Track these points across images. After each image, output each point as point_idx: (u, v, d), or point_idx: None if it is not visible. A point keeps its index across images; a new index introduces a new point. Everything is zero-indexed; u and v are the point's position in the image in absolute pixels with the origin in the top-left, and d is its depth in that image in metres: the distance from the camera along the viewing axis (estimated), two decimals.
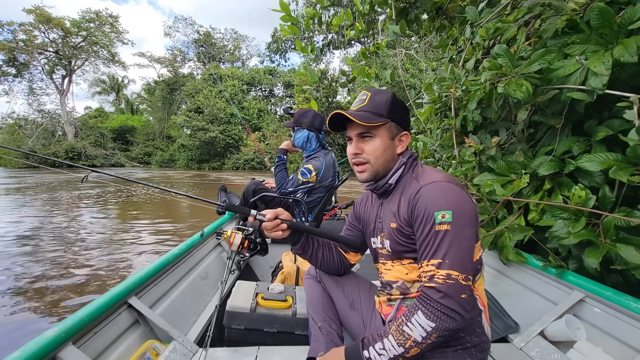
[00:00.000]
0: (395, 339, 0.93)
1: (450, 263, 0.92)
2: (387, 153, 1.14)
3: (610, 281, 1.61)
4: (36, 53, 33.08)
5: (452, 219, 0.94)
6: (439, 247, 0.94)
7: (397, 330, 0.94)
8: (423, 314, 0.91)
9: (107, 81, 46.27)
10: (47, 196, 11.27)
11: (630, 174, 1.39)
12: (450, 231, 0.93)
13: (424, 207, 0.98)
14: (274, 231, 1.24)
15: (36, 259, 4.80)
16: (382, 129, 1.12)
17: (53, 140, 33.06)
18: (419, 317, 0.91)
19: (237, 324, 1.59)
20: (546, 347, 1.48)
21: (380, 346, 0.95)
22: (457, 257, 0.92)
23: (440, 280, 0.91)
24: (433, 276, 0.93)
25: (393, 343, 0.94)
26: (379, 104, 1.12)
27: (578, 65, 1.50)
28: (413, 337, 0.91)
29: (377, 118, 1.10)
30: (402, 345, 0.92)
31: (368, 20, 3.36)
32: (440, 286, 0.90)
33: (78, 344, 1.18)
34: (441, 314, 0.89)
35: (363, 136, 1.14)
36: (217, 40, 43.40)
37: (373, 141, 1.13)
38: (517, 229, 1.85)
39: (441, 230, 0.94)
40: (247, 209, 1.27)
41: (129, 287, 1.47)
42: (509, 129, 2.17)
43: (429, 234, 0.96)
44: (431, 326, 0.89)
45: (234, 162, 30.78)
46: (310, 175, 2.68)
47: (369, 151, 1.13)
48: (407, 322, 0.93)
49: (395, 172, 1.15)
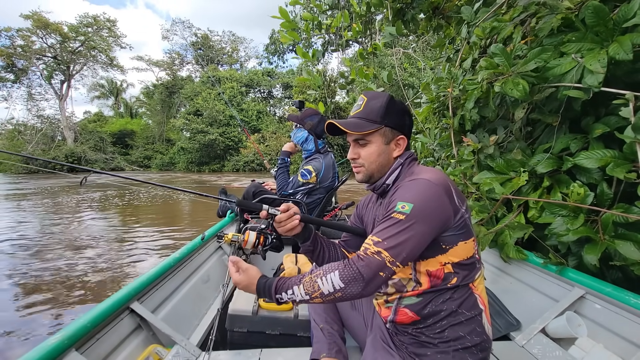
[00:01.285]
0: (305, 288, 1.00)
1: (387, 245, 0.96)
2: (382, 158, 1.16)
3: (610, 277, 1.62)
4: (34, 58, 33.04)
5: (410, 212, 0.97)
6: (385, 230, 0.98)
7: (311, 280, 1.00)
8: (339, 273, 0.96)
9: (105, 85, 46.21)
10: (48, 201, 11.27)
11: (627, 171, 1.40)
12: (403, 221, 0.97)
13: (394, 198, 1.03)
14: (288, 222, 1.23)
15: (37, 265, 4.80)
16: (376, 135, 1.15)
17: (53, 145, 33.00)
18: (334, 275, 0.97)
19: (239, 327, 1.60)
20: (548, 344, 1.48)
21: (291, 292, 1.01)
22: (397, 244, 0.96)
23: (369, 253, 0.97)
24: (367, 248, 0.98)
25: (302, 291, 1.00)
26: (372, 110, 1.14)
27: (574, 63, 1.51)
28: (321, 290, 0.97)
29: (370, 125, 1.13)
30: (309, 294, 0.99)
31: (365, 21, 3.36)
32: (366, 257, 0.96)
33: (81, 350, 1.19)
34: (354, 280, 0.94)
35: (358, 142, 1.17)
36: (215, 43, 43.36)
37: (367, 147, 1.16)
38: (517, 226, 1.85)
39: (395, 218, 0.98)
40: (259, 204, 1.27)
41: (131, 292, 1.47)
42: (507, 127, 2.18)
43: (385, 218, 1.02)
44: (340, 286, 0.95)
45: (233, 164, 30.74)
46: (310, 177, 2.69)
47: (364, 156, 1.17)
48: (322, 276, 0.99)
49: (392, 173, 1.17)
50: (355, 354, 1.41)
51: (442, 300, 1.05)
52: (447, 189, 1.01)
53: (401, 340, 1.14)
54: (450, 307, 1.04)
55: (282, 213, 1.22)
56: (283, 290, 1.02)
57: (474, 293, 1.07)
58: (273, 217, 1.24)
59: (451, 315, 1.04)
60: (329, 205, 3.61)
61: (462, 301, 1.04)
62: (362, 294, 0.96)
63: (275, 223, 1.24)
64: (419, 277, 1.08)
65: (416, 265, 1.07)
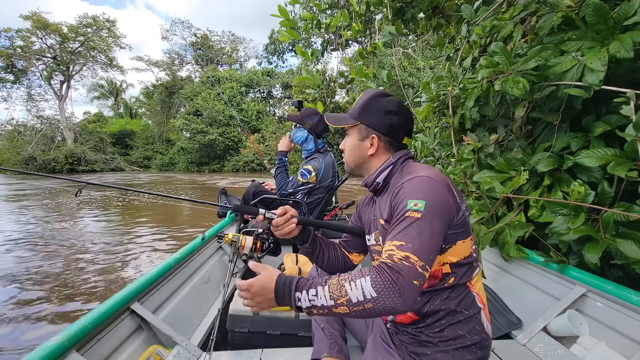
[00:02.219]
0: (331, 291, 0.88)
1: (412, 248, 0.88)
2: (355, 152, 1.22)
3: (611, 276, 1.61)
4: (34, 59, 33.04)
5: (423, 209, 0.93)
6: (405, 232, 0.91)
7: (338, 283, 0.89)
8: (371, 281, 0.85)
9: (105, 86, 46.22)
10: (47, 202, 11.27)
11: (628, 169, 1.39)
12: (420, 220, 0.92)
13: (401, 198, 0.99)
14: (285, 226, 1.23)
15: (37, 266, 4.80)
16: (353, 130, 1.22)
17: (52, 145, 32.98)
18: (365, 281, 0.85)
19: (240, 327, 1.60)
20: (549, 343, 1.48)
21: (314, 293, 0.89)
22: (420, 244, 0.89)
23: (397, 259, 0.87)
24: (392, 255, 0.88)
25: (326, 294, 0.88)
26: (355, 106, 1.22)
27: (574, 62, 1.51)
28: (349, 296, 0.85)
29: (348, 119, 1.22)
30: (334, 299, 0.87)
31: (365, 20, 3.36)
32: (395, 264, 0.86)
33: (82, 351, 1.19)
34: (388, 289, 0.83)
35: (346, 133, 1.27)
36: (214, 43, 43.34)
37: (348, 140, 1.25)
38: (517, 225, 1.85)
39: (411, 217, 0.93)
40: (255, 209, 1.27)
41: (132, 293, 1.47)
42: (507, 126, 2.18)
43: (399, 219, 0.95)
44: (372, 295, 0.83)
45: (233, 164, 30.76)
46: (310, 176, 2.69)
47: (346, 148, 1.26)
48: (351, 281, 0.87)
49: (383, 172, 1.17)
50: (356, 353, 1.40)
51: (440, 300, 1.05)
52: (449, 185, 1.01)
53: (401, 339, 1.14)
54: (449, 306, 1.04)
55: (279, 217, 1.22)
56: (305, 289, 0.91)
57: (472, 291, 1.07)
58: (270, 221, 1.24)
59: (450, 314, 1.04)
60: (329, 205, 3.61)
61: (460, 300, 1.04)
62: (399, 308, 0.83)
63: (272, 227, 1.24)
64: None
65: None
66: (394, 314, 0.85)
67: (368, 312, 0.85)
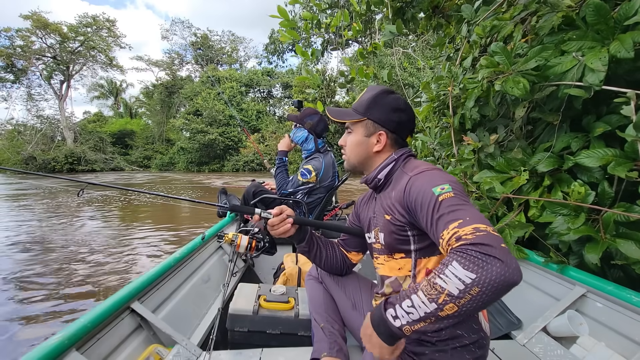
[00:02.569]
0: (426, 293, 0.77)
1: (472, 220, 0.81)
2: (361, 149, 1.21)
3: (612, 276, 1.61)
4: (34, 59, 33.04)
5: (451, 189, 0.91)
6: (452, 213, 0.85)
7: (428, 284, 0.78)
8: (459, 264, 0.74)
9: (105, 85, 46.20)
10: (47, 201, 11.27)
11: (629, 170, 1.39)
12: (455, 197, 0.89)
13: (421, 190, 0.95)
14: (280, 226, 1.24)
15: (37, 265, 4.80)
16: (359, 126, 1.20)
17: (52, 145, 32.98)
18: (454, 267, 0.74)
19: (240, 327, 1.60)
20: (549, 343, 1.48)
21: (409, 304, 0.79)
22: (473, 214, 0.83)
23: (470, 235, 0.77)
24: (460, 236, 0.79)
25: (423, 299, 0.77)
26: (361, 102, 1.20)
27: (575, 62, 1.51)
28: (447, 290, 0.74)
29: (353, 115, 1.20)
30: (434, 300, 0.75)
31: (365, 20, 3.36)
32: (473, 238, 0.76)
33: (82, 350, 1.19)
34: (482, 262, 0.72)
35: (347, 130, 1.25)
36: (214, 43, 43.34)
37: (351, 136, 1.23)
38: (517, 225, 1.85)
39: (446, 199, 0.89)
40: (251, 208, 1.27)
41: (132, 292, 1.47)
42: (507, 126, 2.18)
43: (434, 208, 0.90)
44: (471, 277, 0.72)
45: (233, 164, 30.77)
46: (310, 176, 2.69)
47: (347, 145, 1.24)
48: (439, 275, 0.77)
49: (384, 168, 1.18)
50: (356, 353, 1.40)
51: None
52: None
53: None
54: None
55: (274, 216, 1.22)
56: (396, 303, 0.83)
57: None
58: (266, 221, 1.24)
59: None
60: (330, 205, 3.61)
61: None
62: (508, 276, 0.71)
63: (268, 227, 1.25)
64: (417, 275, 1.08)
65: (417, 263, 1.07)
66: (507, 286, 0.72)
67: (479, 299, 0.72)
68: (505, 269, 0.71)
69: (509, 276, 0.71)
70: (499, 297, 0.74)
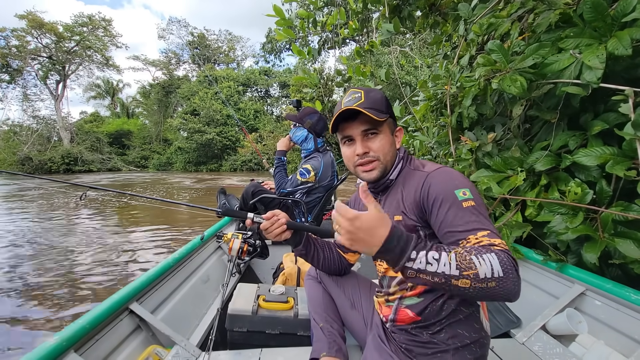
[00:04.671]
0: (457, 260, 0.77)
1: (495, 234, 0.86)
2: (393, 148, 1.14)
3: (610, 275, 1.61)
4: (29, 59, 32.81)
5: (472, 196, 0.94)
6: (478, 222, 0.89)
7: (463, 255, 0.78)
8: (498, 259, 0.77)
9: (101, 85, 45.94)
10: (44, 202, 11.22)
11: (627, 168, 1.40)
12: (476, 206, 0.92)
13: (442, 189, 0.97)
14: (272, 230, 1.23)
15: (35, 266, 4.78)
16: (385, 125, 1.11)
17: (49, 146, 32.78)
18: (493, 258, 0.77)
19: (239, 327, 1.59)
20: (548, 342, 1.48)
21: (435, 256, 0.78)
22: (493, 228, 0.88)
23: (504, 247, 0.83)
24: (493, 243, 0.83)
25: (452, 262, 0.77)
26: (376, 100, 1.09)
27: (572, 59, 1.51)
28: (477, 270, 0.76)
29: (381, 114, 1.08)
30: (459, 268, 0.76)
31: (362, 18, 3.35)
32: (508, 251, 0.82)
33: (80, 351, 1.18)
34: (511, 271, 0.77)
35: (368, 133, 1.10)
36: (211, 42, 43.20)
37: (379, 138, 1.10)
38: (515, 225, 1.85)
39: (470, 206, 0.91)
40: (244, 213, 1.26)
41: (130, 292, 1.46)
42: (505, 124, 2.18)
43: (459, 211, 0.92)
44: (499, 274, 0.76)
45: (231, 163, 30.69)
46: (309, 176, 2.68)
47: (378, 148, 1.10)
48: (477, 255, 0.78)
49: (396, 167, 1.16)
50: (355, 352, 1.40)
51: (442, 300, 1.04)
52: None
53: (401, 339, 1.14)
54: (450, 305, 1.04)
55: (266, 220, 1.21)
56: (425, 250, 0.79)
57: None
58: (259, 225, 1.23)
59: (451, 314, 1.04)
60: (329, 204, 3.60)
61: (460, 299, 1.04)
62: (515, 293, 0.78)
63: (261, 231, 1.23)
64: None
65: None
66: (510, 296, 0.78)
67: (486, 293, 0.77)
68: (518, 286, 0.78)
69: (516, 291, 0.78)
70: (496, 300, 0.81)
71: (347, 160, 1.17)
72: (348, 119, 1.10)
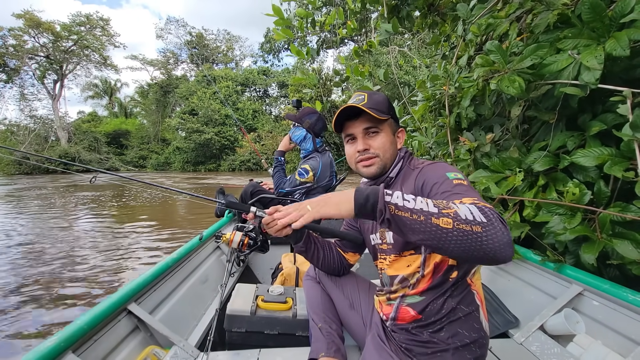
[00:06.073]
0: (434, 202, 0.80)
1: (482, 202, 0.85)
2: (393, 147, 1.20)
3: (608, 275, 1.61)
4: (27, 58, 32.76)
5: (463, 178, 0.99)
6: (467, 193, 0.91)
7: (439, 200, 0.82)
8: (478, 208, 0.78)
9: (99, 85, 45.92)
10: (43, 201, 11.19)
11: (625, 169, 1.40)
12: (468, 186, 0.96)
13: (434, 175, 1.03)
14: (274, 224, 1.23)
15: (33, 266, 4.76)
16: (386, 125, 1.18)
17: (46, 145, 32.77)
18: (471, 207, 0.78)
19: (237, 327, 1.59)
20: (546, 342, 1.49)
21: (412, 197, 0.81)
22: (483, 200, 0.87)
23: (489, 206, 0.82)
24: (479, 205, 0.81)
25: (429, 202, 0.80)
26: (378, 102, 1.17)
27: (570, 60, 1.51)
28: (456, 210, 0.77)
29: (382, 114, 1.14)
30: (437, 207, 0.78)
31: (360, 18, 3.35)
32: (491, 208, 0.81)
33: (78, 352, 1.17)
34: (495, 219, 0.76)
35: (369, 132, 1.17)
36: (209, 42, 43.23)
37: (379, 136, 1.17)
38: (513, 225, 1.85)
39: (461, 184, 0.95)
40: (247, 206, 1.26)
41: (128, 293, 1.46)
42: (503, 125, 2.18)
43: (449, 185, 0.96)
44: (482, 219, 0.75)
45: (229, 163, 30.69)
46: (308, 176, 2.68)
47: (377, 146, 1.17)
48: (457, 203, 0.80)
49: (396, 166, 1.20)
50: (354, 353, 1.40)
51: (443, 299, 1.05)
52: None
53: (400, 339, 1.14)
54: (450, 304, 1.04)
55: (269, 215, 1.21)
56: (401, 192, 0.84)
57: (472, 289, 1.07)
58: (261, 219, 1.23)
59: (451, 313, 1.04)
60: None
61: (461, 298, 1.05)
62: (507, 242, 0.73)
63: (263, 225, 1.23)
64: (424, 271, 1.07)
65: (426, 258, 1.07)
66: (500, 253, 0.73)
67: (473, 238, 0.73)
68: (507, 237, 0.74)
69: (506, 243, 0.73)
70: (484, 254, 0.74)
71: (350, 158, 1.24)
72: (351, 117, 1.17)
